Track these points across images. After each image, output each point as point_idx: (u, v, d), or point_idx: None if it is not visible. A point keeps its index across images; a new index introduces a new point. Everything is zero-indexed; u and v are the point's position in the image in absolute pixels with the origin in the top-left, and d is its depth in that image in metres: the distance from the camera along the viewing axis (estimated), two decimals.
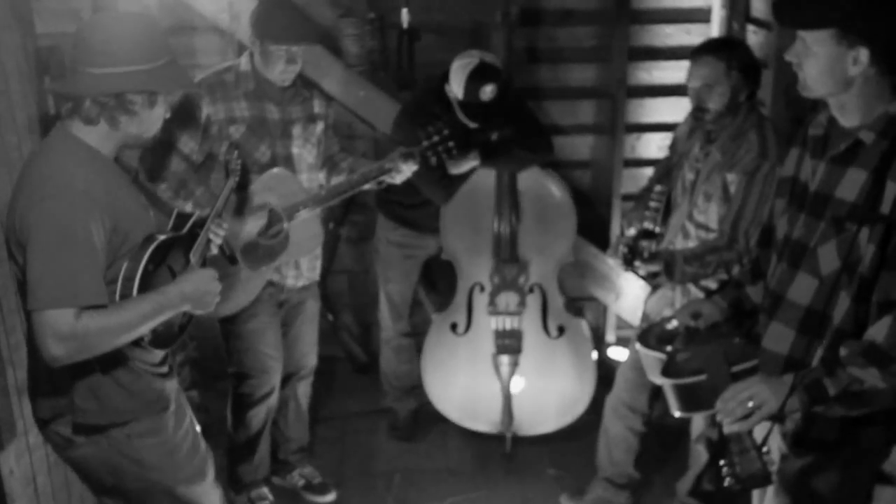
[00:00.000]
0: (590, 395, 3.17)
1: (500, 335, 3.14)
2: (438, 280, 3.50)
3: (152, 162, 2.54)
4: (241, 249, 2.55)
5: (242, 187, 2.50)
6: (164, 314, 1.81)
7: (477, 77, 2.83)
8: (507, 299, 3.11)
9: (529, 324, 3.13)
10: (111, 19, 1.91)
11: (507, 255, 3.07)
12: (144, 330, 1.78)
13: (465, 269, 3.17)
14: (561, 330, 3.11)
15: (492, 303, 3.13)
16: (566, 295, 3.26)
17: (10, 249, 1.80)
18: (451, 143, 2.66)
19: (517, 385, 3.18)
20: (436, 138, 2.65)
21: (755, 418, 1.65)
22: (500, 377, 3.17)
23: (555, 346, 3.13)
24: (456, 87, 2.88)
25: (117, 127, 1.80)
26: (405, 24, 2.93)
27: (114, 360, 1.83)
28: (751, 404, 1.65)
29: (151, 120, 1.85)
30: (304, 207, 2.58)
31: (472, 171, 3.03)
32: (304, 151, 2.71)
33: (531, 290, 3.09)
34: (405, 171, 2.64)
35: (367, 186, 2.65)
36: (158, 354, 1.94)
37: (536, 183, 3.06)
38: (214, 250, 2.11)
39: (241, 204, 2.54)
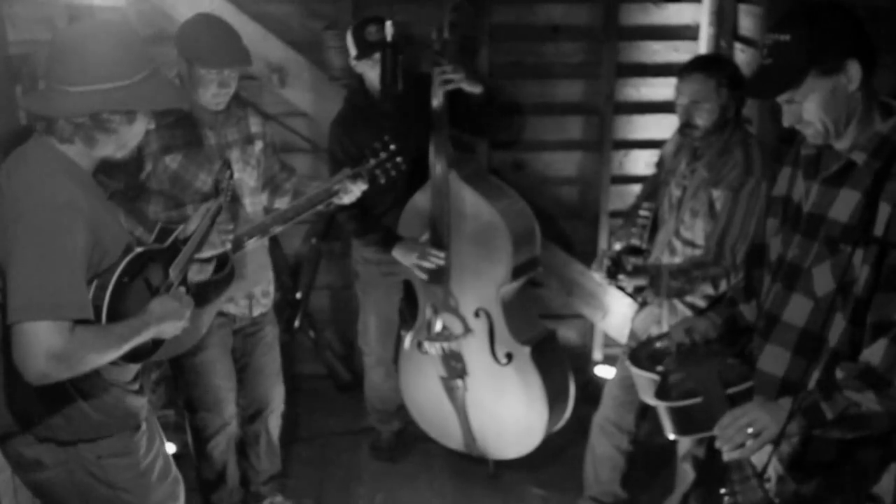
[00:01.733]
0: (541, 429, 3.05)
1: (444, 358, 3.10)
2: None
3: None
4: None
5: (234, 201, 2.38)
6: (149, 331, 1.75)
7: (362, 25, 2.89)
8: (446, 322, 3.05)
9: (479, 348, 3.05)
10: (86, 32, 1.78)
11: (433, 277, 2.99)
12: (128, 348, 1.71)
13: (419, 288, 3.12)
14: (509, 357, 3.01)
15: (428, 328, 3.08)
16: (529, 320, 3.15)
17: None
18: (398, 160, 2.57)
19: (473, 408, 3.13)
20: (383, 155, 2.56)
21: (755, 445, 1.62)
22: (451, 399, 3.15)
23: (504, 372, 3.02)
24: (351, 48, 2.92)
25: (94, 146, 1.74)
26: (389, 37, 2.89)
27: (84, 376, 1.74)
28: (750, 430, 1.62)
29: (130, 136, 1.79)
30: (249, 238, 2.42)
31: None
32: (245, 175, 2.58)
33: (477, 315, 3.02)
34: (354, 191, 2.54)
35: (315, 210, 2.53)
36: (132, 370, 1.88)
37: (472, 206, 2.93)
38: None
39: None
